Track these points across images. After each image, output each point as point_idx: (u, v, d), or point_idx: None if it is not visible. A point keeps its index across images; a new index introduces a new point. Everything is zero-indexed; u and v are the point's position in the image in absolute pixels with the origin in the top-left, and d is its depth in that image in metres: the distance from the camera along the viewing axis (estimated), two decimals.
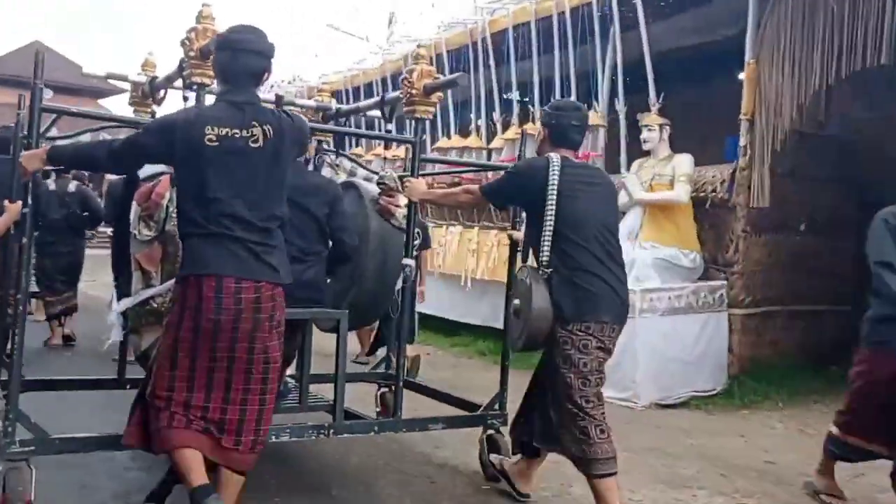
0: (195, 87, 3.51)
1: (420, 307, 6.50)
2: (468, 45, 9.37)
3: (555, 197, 3.33)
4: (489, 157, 8.63)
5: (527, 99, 9.02)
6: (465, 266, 8.27)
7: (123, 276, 4.06)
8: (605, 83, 7.78)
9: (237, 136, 2.78)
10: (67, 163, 3.56)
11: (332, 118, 5.03)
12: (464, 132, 9.73)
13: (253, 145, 2.81)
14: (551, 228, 3.34)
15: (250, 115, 2.84)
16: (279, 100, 4.91)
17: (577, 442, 3.29)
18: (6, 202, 4.24)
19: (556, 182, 3.34)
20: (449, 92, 8.57)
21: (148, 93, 4.49)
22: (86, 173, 7.58)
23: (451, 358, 7.99)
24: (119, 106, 29.16)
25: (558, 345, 3.32)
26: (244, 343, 2.82)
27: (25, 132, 3.44)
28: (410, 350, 6.63)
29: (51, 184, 7.12)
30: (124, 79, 4.56)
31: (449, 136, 9.62)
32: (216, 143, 2.75)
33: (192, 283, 2.79)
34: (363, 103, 5.12)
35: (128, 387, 4.51)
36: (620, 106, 7.44)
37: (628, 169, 7.10)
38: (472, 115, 9.48)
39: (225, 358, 2.81)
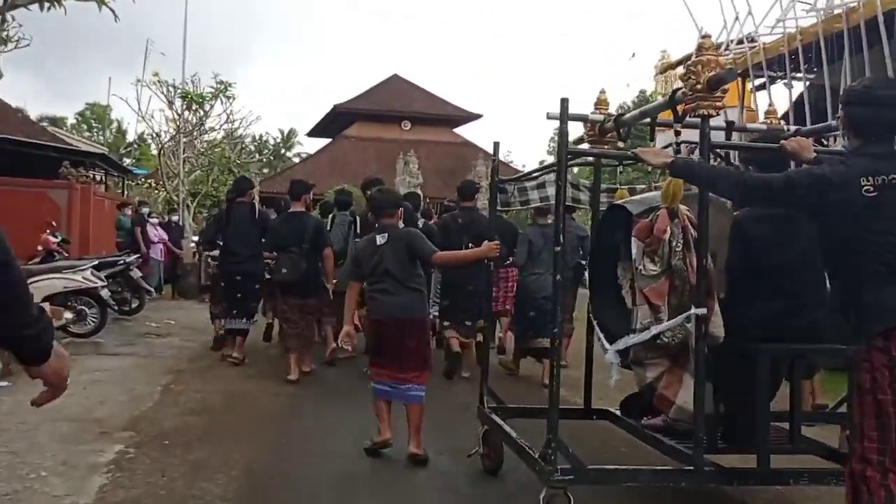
0: (702, 118, 3.48)
1: None
2: None
3: None
4: None
5: None
6: None
7: (604, 315, 4.20)
8: None
9: (893, 182, 2.79)
10: (688, 177, 3.53)
11: None
12: None
13: None
14: None
15: None
16: (730, 125, 4.76)
17: None
18: (486, 241, 4.67)
19: None
20: None
21: (608, 129, 4.56)
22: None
23: None
24: (471, 133, 31.14)
25: None
26: None
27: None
28: None
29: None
30: (584, 119, 4.65)
31: None
32: (875, 193, 2.79)
33: (887, 336, 2.72)
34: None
35: (594, 417, 4.66)
36: None
37: None
38: None
39: None
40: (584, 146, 4.51)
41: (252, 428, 5.46)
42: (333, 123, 33.07)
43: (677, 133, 3.83)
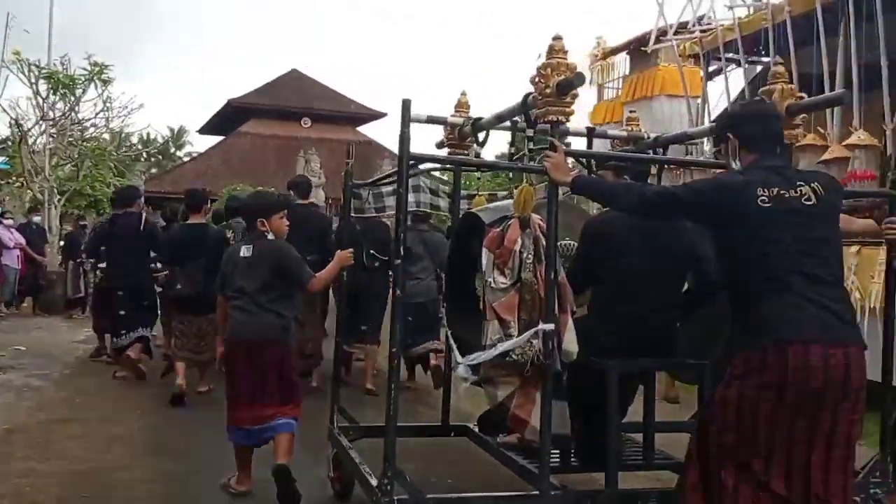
0: (550, 124, 3.32)
1: None
2: None
3: None
4: None
5: None
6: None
7: (458, 326, 4.01)
8: None
9: (787, 196, 2.79)
10: (589, 194, 3.53)
11: (650, 148, 4.70)
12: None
13: (807, 203, 2.80)
14: None
15: (794, 177, 2.88)
16: (590, 132, 4.67)
17: None
18: (338, 251, 4.41)
19: None
20: None
21: (468, 133, 4.39)
22: None
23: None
24: (375, 133, 30.41)
25: None
26: (828, 415, 2.64)
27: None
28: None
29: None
30: (443, 122, 4.47)
31: None
32: (769, 205, 2.77)
33: (771, 351, 2.65)
34: (694, 130, 4.70)
35: (452, 434, 4.48)
36: None
37: None
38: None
39: (805, 430, 2.64)
40: (444, 151, 4.32)
41: None
42: (228, 119, 31.99)
43: (529, 139, 3.68)
